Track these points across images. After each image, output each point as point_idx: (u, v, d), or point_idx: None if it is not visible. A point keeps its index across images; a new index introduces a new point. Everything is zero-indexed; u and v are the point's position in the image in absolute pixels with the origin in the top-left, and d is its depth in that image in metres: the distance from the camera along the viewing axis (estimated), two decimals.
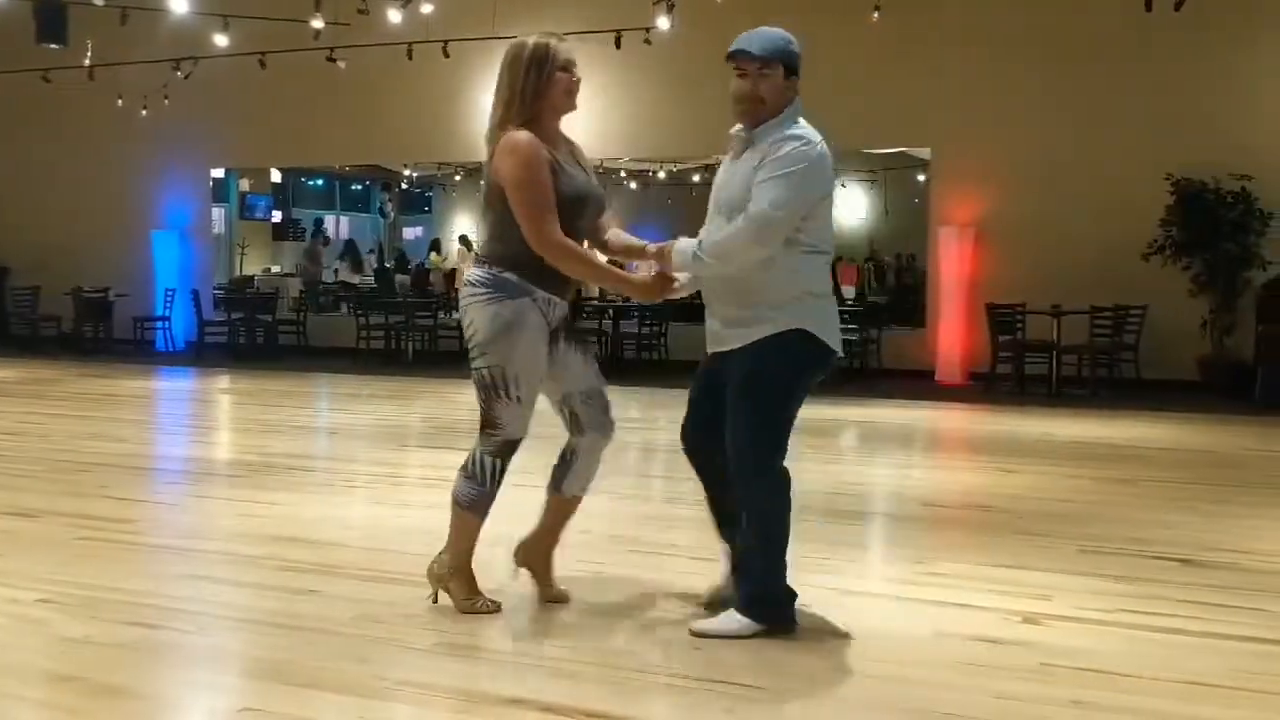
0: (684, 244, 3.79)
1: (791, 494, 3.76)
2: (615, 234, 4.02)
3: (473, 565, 3.96)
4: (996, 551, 4.96)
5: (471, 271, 3.87)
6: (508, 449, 3.85)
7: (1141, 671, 3.46)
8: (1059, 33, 11.86)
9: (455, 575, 3.95)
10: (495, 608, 3.93)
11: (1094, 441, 8.22)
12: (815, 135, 3.77)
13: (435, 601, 3.99)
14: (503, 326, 3.74)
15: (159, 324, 15.51)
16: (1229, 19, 11.23)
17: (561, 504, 4.06)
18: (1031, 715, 3.13)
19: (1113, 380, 11.16)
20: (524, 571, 4.11)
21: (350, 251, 22.02)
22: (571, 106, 3.88)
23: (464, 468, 3.89)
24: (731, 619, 3.75)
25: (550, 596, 4.08)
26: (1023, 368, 11.38)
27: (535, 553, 4.09)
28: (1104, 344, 11.16)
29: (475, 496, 3.87)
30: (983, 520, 5.74)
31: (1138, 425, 9.14)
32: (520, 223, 3.72)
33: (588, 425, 3.97)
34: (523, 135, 3.73)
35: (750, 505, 3.77)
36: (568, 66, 3.82)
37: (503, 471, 3.87)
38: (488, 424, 3.82)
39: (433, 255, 22.18)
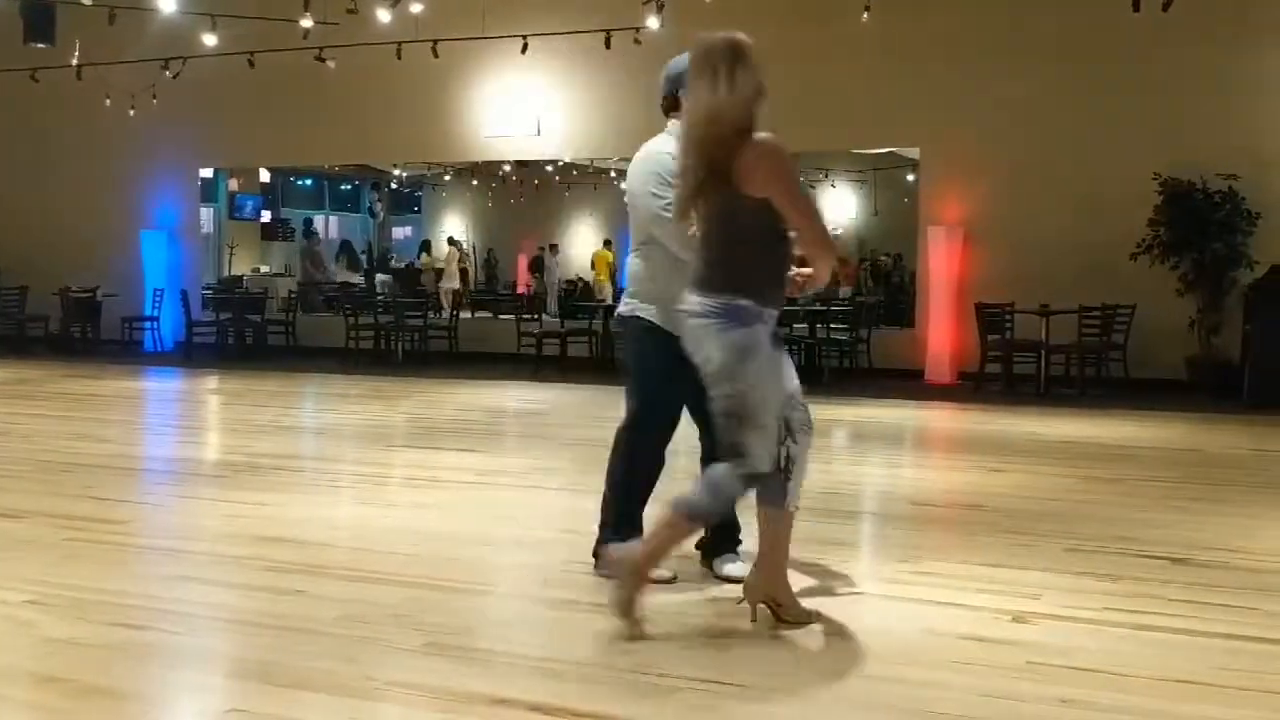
0: None
1: None
2: None
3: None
4: (986, 550, 4.96)
5: (698, 300, 3.67)
6: (751, 482, 3.68)
7: (1131, 670, 3.46)
8: (1047, 33, 11.87)
9: (633, 576, 3.73)
10: (639, 633, 3.68)
11: (1083, 441, 8.24)
12: None
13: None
14: (739, 354, 3.60)
15: (147, 324, 15.47)
16: (1217, 19, 11.25)
17: (780, 518, 3.84)
18: (1021, 714, 3.13)
19: (1101, 379, 11.18)
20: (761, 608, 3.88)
21: (346, 251, 21.99)
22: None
23: (705, 481, 3.74)
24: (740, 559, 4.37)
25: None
26: (1011, 367, 11.41)
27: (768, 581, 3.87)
28: (1092, 343, 11.18)
29: (702, 508, 3.75)
30: (972, 519, 5.74)
31: (1126, 424, 9.16)
32: (800, 230, 3.64)
33: (798, 428, 3.79)
34: (772, 139, 3.60)
35: None
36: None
37: (734, 503, 3.80)
38: (734, 452, 3.65)
39: (424, 256, 22.16)
